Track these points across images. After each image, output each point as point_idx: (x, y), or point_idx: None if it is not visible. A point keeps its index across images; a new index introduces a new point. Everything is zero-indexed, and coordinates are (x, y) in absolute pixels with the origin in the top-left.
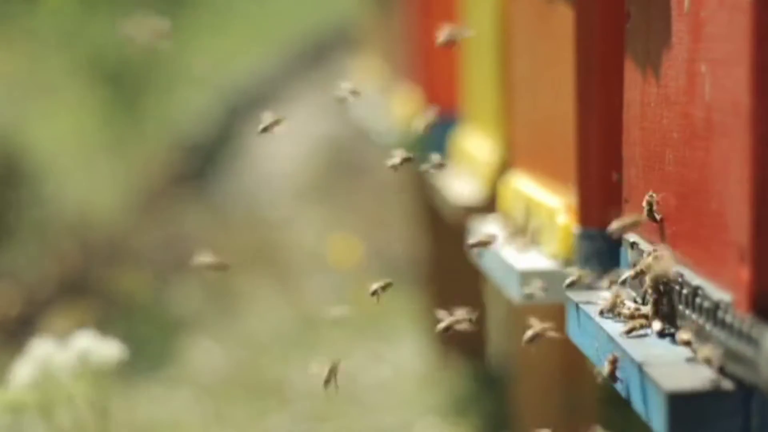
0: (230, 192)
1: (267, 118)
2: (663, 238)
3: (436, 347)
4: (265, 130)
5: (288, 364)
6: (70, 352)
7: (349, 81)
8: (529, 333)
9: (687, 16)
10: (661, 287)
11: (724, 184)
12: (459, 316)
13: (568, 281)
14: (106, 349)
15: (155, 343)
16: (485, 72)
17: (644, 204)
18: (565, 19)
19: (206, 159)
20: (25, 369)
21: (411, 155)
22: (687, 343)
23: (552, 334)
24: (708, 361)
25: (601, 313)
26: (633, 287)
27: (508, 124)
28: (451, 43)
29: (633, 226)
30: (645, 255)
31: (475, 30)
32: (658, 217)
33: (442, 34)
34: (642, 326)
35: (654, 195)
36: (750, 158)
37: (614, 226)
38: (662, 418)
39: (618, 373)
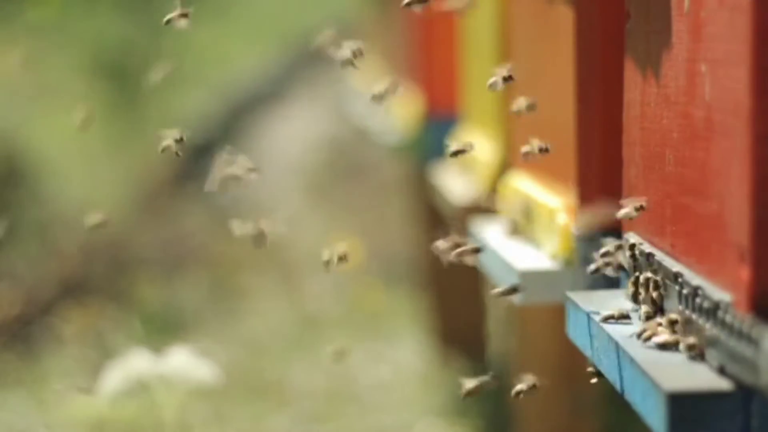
0: (231, 191)
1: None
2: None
3: (436, 347)
4: (168, 22)
5: (288, 364)
6: (165, 368)
7: (352, 42)
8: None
9: (687, 16)
10: (660, 286)
11: (724, 184)
12: None
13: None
14: (201, 369)
15: (155, 343)
16: (485, 72)
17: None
18: (565, 19)
19: (207, 159)
20: (114, 379)
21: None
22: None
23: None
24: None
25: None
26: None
27: (508, 124)
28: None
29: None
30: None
31: (475, 30)
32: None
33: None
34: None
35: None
36: (750, 158)
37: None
38: (662, 418)
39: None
